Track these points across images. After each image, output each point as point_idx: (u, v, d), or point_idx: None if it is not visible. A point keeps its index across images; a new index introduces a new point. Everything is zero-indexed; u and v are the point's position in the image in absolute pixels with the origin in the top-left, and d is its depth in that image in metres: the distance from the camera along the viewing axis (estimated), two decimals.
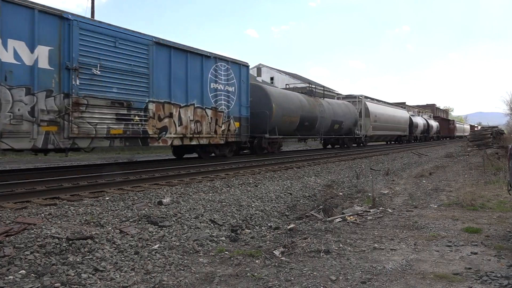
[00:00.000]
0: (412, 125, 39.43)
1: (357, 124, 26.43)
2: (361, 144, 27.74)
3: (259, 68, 51.43)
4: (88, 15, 21.96)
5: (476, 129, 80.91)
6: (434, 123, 50.82)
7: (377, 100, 33.96)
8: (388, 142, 38.33)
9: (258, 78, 45.82)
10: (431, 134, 48.61)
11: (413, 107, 55.67)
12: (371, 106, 29.86)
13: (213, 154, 14.60)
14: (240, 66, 15.10)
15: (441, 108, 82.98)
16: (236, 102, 14.73)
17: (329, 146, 26.63)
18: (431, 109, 65.84)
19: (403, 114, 38.07)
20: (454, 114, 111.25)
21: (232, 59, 14.61)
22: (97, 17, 23.04)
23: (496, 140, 23.30)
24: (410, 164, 15.85)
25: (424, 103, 72.06)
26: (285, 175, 11.18)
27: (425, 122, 45.71)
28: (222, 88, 13.98)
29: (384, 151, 23.05)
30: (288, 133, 18.87)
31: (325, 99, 23.24)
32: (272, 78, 48.31)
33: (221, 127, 13.84)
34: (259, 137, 16.35)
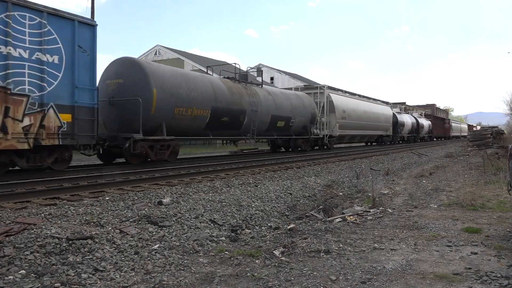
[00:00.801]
0: (397, 123, 34.76)
1: (315, 122, 20.95)
2: (325, 147, 22.49)
3: (259, 68, 51.40)
4: (88, 15, 21.97)
5: (474, 128, 78.49)
6: (425, 122, 46.16)
7: (350, 93, 28.26)
8: (369, 144, 32.92)
9: (258, 79, 45.72)
10: (422, 134, 44.22)
11: (413, 106, 54.91)
12: (337, 99, 24.11)
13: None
14: (74, 24, 9.30)
15: (441, 108, 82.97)
16: (64, 81, 9.09)
17: (283, 149, 21.25)
18: (431, 109, 64.84)
19: (385, 110, 32.40)
20: (454, 114, 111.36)
21: (54, 10, 9.04)
22: (96, 17, 23.06)
23: (496, 140, 23.31)
24: (410, 164, 15.85)
25: (424, 103, 71.65)
26: (285, 175, 11.18)
27: (414, 120, 41.18)
28: (26, 56, 8.44)
29: (383, 152, 23.04)
30: (191, 132, 13.51)
31: (263, 87, 17.93)
32: (272, 78, 48.32)
33: (20, 121, 8.33)
34: (131, 139, 10.89)
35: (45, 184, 8.01)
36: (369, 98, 31.95)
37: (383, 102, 34.60)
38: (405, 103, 53.18)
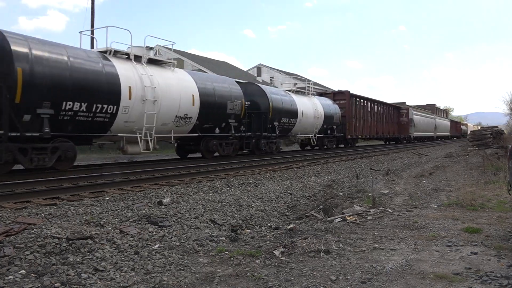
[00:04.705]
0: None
1: None
2: None
3: (259, 68, 51.35)
4: (88, 16, 21.94)
5: (463, 127, 70.13)
6: (314, 107, 21.36)
7: None
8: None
9: (258, 78, 45.79)
10: (299, 132, 20.33)
11: (413, 107, 54.15)
12: None
13: None
14: None
15: (441, 108, 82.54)
16: None
17: None
18: (431, 109, 63.94)
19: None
20: (454, 114, 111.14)
21: None
22: (95, 18, 23.02)
23: (496, 140, 23.31)
24: (410, 164, 15.84)
25: (425, 103, 70.93)
26: (285, 175, 11.18)
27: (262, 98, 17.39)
28: None
29: (383, 152, 22.99)
30: None
31: None
32: (272, 78, 48.33)
33: None
34: None
35: (45, 184, 8.02)
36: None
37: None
38: (404, 103, 52.85)
